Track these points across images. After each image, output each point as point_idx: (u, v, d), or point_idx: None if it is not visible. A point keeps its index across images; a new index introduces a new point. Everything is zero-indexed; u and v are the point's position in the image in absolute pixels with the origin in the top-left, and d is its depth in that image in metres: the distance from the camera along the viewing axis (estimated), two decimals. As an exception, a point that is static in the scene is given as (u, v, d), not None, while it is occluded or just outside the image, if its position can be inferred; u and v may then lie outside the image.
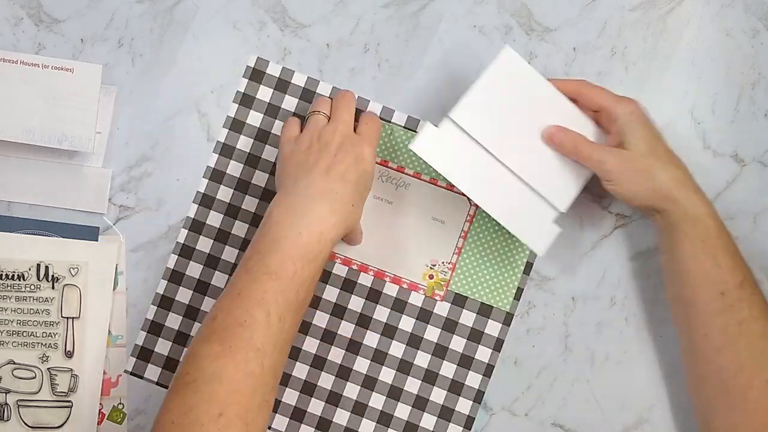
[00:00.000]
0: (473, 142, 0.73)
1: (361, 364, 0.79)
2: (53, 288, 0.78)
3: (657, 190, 0.71)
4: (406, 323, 0.79)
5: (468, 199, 0.78)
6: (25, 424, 0.77)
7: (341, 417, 0.78)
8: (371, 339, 0.79)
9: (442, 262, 0.80)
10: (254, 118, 0.80)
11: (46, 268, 0.78)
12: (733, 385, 0.67)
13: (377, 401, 0.78)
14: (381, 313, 0.79)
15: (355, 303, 0.79)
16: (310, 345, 0.79)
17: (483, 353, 0.79)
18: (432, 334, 0.79)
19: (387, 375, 0.79)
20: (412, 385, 0.79)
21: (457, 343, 0.79)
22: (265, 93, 0.80)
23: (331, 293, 0.79)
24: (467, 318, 0.79)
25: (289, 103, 0.80)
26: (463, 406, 0.79)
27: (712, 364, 0.69)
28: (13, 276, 0.77)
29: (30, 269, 0.78)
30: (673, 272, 0.73)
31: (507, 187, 0.74)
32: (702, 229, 0.70)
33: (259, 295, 0.65)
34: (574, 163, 0.74)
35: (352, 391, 0.79)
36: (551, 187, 0.74)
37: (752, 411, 0.66)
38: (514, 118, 0.74)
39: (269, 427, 0.78)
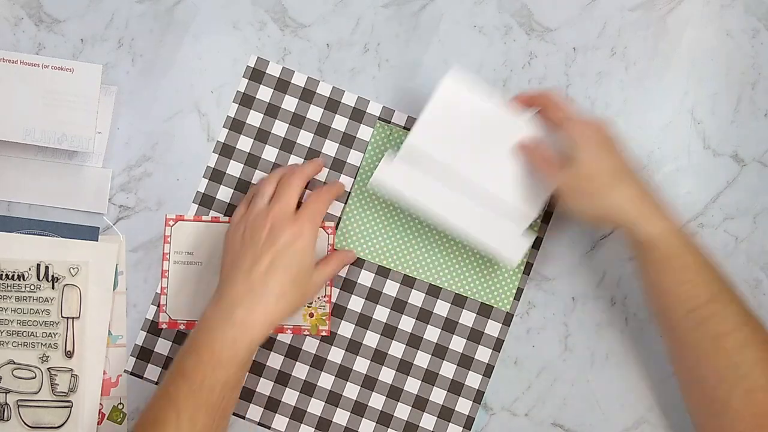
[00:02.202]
0: (435, 162, 0.74)
1: (361, 364, 0.79)
2: (53, 288, 0.78)
3: (606, 213, 0.70)
4: (406, 323, 0.79)
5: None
6: (25, 424, 0.77)
7: (341, 417, 0.78)
8: (371, 339, 0.79)
9: (318, 298, 0.79)
10: (254, 118, 0.80)
11: (46, 268, 0.78)
12: (714, 395, 0.67)
13: (377, 401, 0.78)
14: (381, 313, 0.79)
15: (355, 303, 0.79)
16: (310, 345, 0.79)
17: (483, 353, 0.79)
18: (432, 334, 0.79)
19: (387, 375, 0.79)
20: (412, 385, 0.79)
21: (457, 343, 0.79)
22: (265, 93, 0.80)
23: (331, 293, 0.79)
24: (467, 318, 0.79)
25: (289, 103, 0.80)
26: (463, 406, 0.79)
27: (693, 373, 0.70)
28: (13, 276, 0.77)
29: (30, 269, 0.78)
30: (645, 286, 0.72)
31: (475, 201, 0.75)
32: (660, 249, 0.68)
33: (172, 394, 0.68)
34: (536, 174, 0.75)
35: (351, 391, 0.79)
36: (520, 196, 0.75)
37: (735, 419, 0.66)
38: (470, 136, 0.74)
39: (270, 427, 0.78)
